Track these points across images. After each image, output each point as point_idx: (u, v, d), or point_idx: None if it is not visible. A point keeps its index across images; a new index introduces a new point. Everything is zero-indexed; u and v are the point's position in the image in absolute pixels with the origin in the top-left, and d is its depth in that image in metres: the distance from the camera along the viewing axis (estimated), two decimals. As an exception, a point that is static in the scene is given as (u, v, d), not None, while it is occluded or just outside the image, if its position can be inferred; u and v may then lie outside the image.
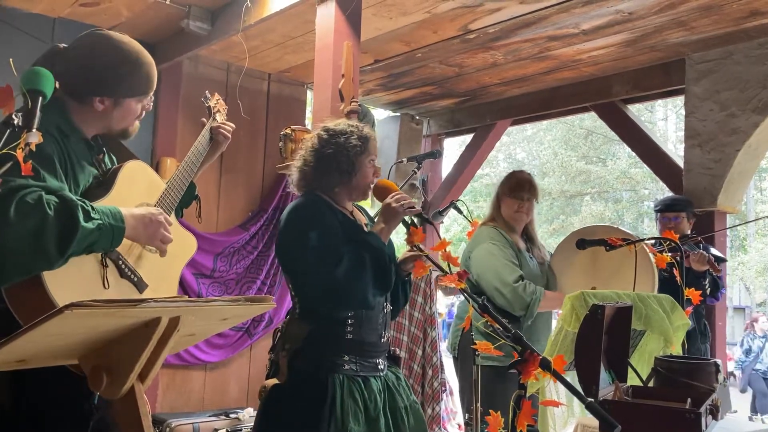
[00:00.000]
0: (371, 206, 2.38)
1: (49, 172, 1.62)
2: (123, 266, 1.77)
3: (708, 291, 3.62)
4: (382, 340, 2.10)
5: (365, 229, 2.13)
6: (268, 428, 2.02)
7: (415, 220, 2.10)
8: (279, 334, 2.09)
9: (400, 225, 2.09)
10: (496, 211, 3.32)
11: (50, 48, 1.87)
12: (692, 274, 3.50)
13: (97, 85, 1.83)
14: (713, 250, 3.64)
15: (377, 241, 2.01)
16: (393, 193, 2.07)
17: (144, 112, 1.98)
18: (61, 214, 1.54)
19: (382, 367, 2.10)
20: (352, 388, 1.97)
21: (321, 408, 1.92)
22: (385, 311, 2.12)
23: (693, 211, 3.95)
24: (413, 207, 2.05)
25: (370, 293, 1.96)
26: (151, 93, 1.96)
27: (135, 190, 1.87)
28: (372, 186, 2.14)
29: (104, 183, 1.82)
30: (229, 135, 2.22)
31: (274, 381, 1.99)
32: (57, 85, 1.79)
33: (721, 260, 3.64)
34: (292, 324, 2.05)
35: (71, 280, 1.61)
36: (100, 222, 1.61)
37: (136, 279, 1.80)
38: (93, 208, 1.61)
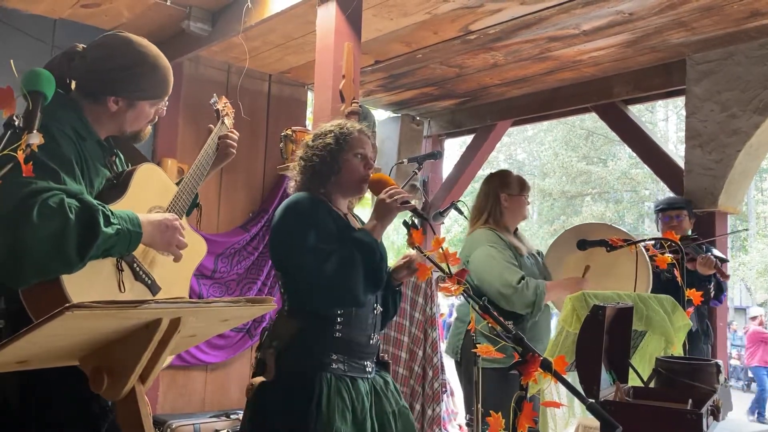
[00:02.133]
0: (371, 202, 2.37)
1: (68, 175, 1.63)
2: (138, 269, 1.78)
3: (712, 294, 3.62)
4: (371, 342, 2.08)
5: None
6: (255, 427, 1.99)
7: (415, 220, 2.09)
8: (266, 332, 2.07)
9: (403, 227, 2.07)
10: (495, 212, 3.24)
11: (69, 48, 1.89)
12: (697, 277, 3.50)
13: (112, 85, 1.84)
14: (716, 251, 3.64)
15: (368, 237, 1.99)
16: (387, 188, 2.03)
17: (157, 117, 1.99)
18: (82, 219, 1.54)
19: (370, 369, 2.08)
20: (339, 387, 1.95)
21: (308, 405, 1.90)
22: (375, 312, 2.09)
23: (693, 210, 3.96)
24: (408, 202, 2.01)
25: (361, 290, 1.94)
26: (166, 98, 1.97)
27: (148, 193, 1.87)
28: (367, 180, 2.11)
29: (118, 185, 1.82)
30: (235, 145, 2.21)
31: (261, 379, 1.97)
32: (73, 86, 1.80)
33: (723, 261, 3.65)
34: (280, 321, 2.04)
35: (89, 284, 1.62)
36: (119, 227, 1.62)
37: (149, 282, 1.81)
38: (112, 213, 1.62)
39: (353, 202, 2.25)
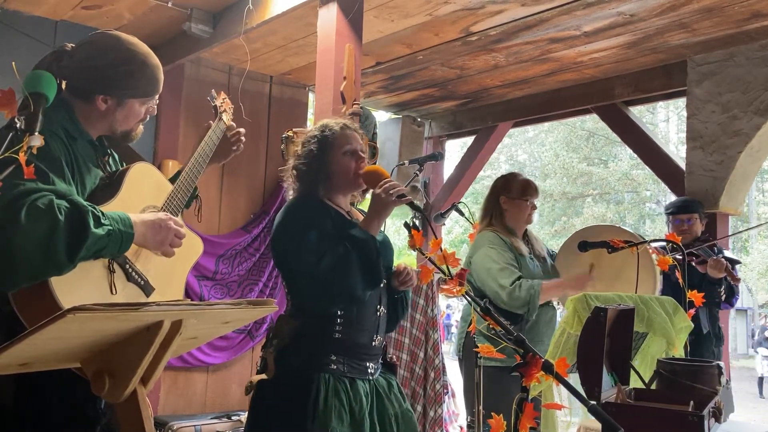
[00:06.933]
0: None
1: (57, 176, 1.61)
2: (130, 270, 1.76)
3: (723, 297, 3.58)
4: (374, 343, 2.07)
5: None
6: (256, 424, 2.00)
7: (416, 221, 2.08)
8: (270, 331, 2.07)
9: (404, 229, 2.06)
10: (496, 214, 3.27)
11: (58, 48, 1.88)
12: (708, 279, 3.48)
13: (101, 83, 1.82)
14: (727, 253, 3.61)
15: (363, 233, 1.98)
16: (381, 182, 2.01)
17: (148, 116, 1.98)
18: (71, 220, 1.53)
19: (373, 371, 2.07)
20: (337, 388, 1.95)
21: (305, 405, 1.90)
22: (378, 314, 2.08)
23: (704, 212, 3.93)
24: (404, 195, 1.98)
25: (358, 287, 1.94)
26: (156, 96, 1.95)
27: (142, 192, 1.86)
28: (360, 174, 2.09)
29: (111, 185, 1.81)
30: (243, 140, 2.20)
31: (260, 376, 1.97)
32: (63, 85, 1.79)
33: (735, 262, 3.62)
34: (282, 320, 2.04)
35: (79, 286, 1.61)
36: (110, 228, 1.60)
37: (143, 283, 1.80)
38: (103, 214, 1.61)
39: (356, 196, 2.25)
